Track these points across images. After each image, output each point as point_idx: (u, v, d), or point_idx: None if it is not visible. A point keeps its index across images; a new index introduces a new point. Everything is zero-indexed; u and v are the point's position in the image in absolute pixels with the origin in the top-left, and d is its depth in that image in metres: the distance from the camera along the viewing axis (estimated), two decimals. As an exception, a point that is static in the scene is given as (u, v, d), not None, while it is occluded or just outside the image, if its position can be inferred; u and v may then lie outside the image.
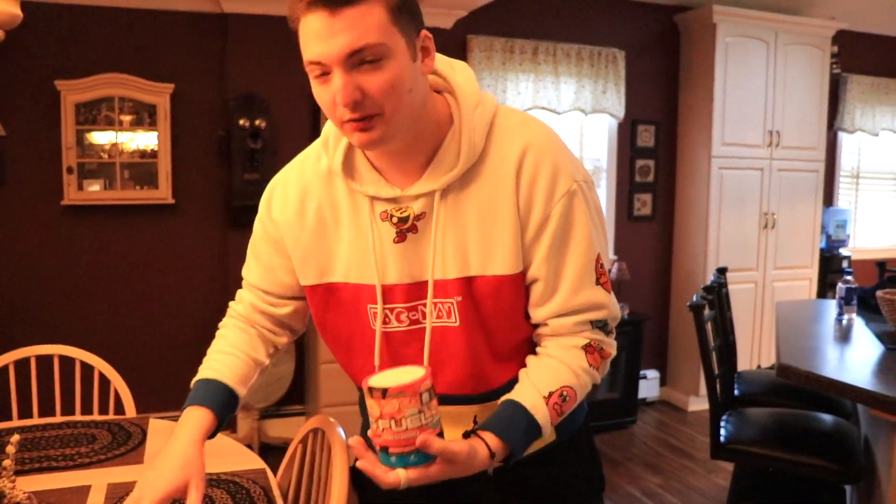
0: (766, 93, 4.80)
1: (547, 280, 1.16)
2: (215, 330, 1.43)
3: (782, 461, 2.46)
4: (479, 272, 1.16)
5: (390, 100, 1.04)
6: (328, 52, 1.02)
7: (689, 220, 4.92)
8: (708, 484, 3.72)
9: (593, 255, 1.17)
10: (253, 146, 3.84)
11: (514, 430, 1.11)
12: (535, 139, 1.16)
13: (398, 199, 1.17)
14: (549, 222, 1.14)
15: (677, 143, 5.03)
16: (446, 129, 1.16)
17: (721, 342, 2.92)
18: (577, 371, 1.18)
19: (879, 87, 5.64)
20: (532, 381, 1.16)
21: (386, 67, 1.03)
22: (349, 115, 1.05)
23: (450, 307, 1.18)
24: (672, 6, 4.89)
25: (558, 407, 1.15)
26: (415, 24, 1.08)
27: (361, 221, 1.20)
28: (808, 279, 5.13)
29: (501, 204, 1.14)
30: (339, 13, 1.00)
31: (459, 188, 1.15)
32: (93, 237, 3.83)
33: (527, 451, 1.19)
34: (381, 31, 1.02)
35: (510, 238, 1.14)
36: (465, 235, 1.15)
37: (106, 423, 2.04)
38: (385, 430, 1.00)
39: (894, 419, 1.97)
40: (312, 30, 1.03)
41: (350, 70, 1.02)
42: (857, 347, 2.63)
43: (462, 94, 1.16)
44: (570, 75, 4.61)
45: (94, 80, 3.64)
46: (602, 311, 1.19)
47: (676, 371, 5.07)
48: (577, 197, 1.15)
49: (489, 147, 1.16)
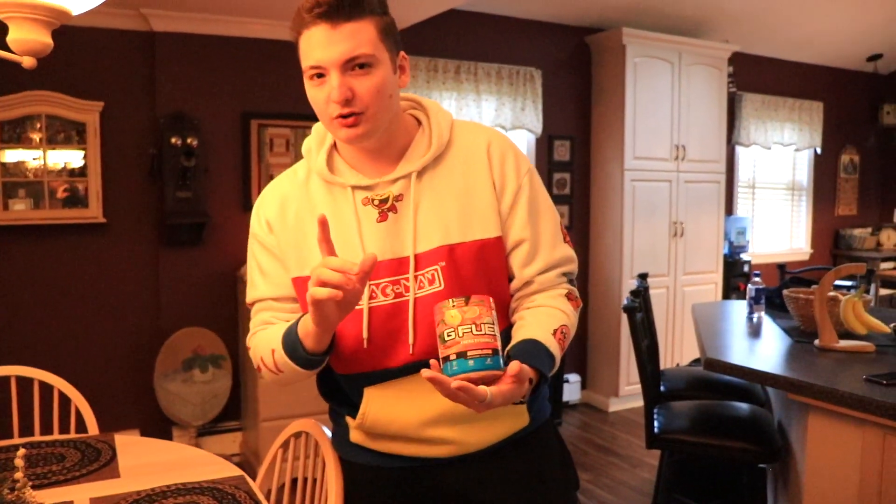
0: (671, 109, 5.15)
1: (531, 240, 1.37)
2: (148, 349, 1.53)
3: (709, 446, 2.70)
4: (460, 239, 1.34)
5: (374, 101, 1.25)
6: (328, 58, 1.22)
7: (605, 230, 5.20)
8: (634, 478, 3.96)
9: (557, 218, 1.43)
10: (186, 164, 3.85)
11: (540, 357, 1.26)
12: (495, 133, 1.43)
13: (376, 186, 1.36)
14: (521, 191, 1.37)
15: (591, 156, 5.31)
16: (415, 132, 1.40)
17: (649, 342, 3.15)
18: (567, 312, 1.37)
19: (770, 105, 6.12)
20: (537, 322, 1.33)
21: (373, 74, 1.25)
22: (339, 111, 1.24)
23: (434, 274, 1.33)
24: (584, 28, 5.18)
25: (562, 342, 1.32)
26: (396, 46, 1.31)
27: (342, 211, 1.36)
28: (714, 283, 5.50)
29: (477, 180, 1.36)
30: (338, 27, 1.21)
31: (433, 170, 1.36)
32: (21, 258, 3.74)
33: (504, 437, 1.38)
34: (372, 44, 1.24)
35: (489, 207, 1.35)
36: (443, 209, 1.34)
37: (71, 442, 2.04)
38: (465, 334, 1.13)
39: (809, 401, 2.22)
40: (315, 39, 1.23)
41: (344, 73, 1.23)
42: (769, 341, 2.90)
43: (428, 105, 1.43)
44: (491, 93, 4.81)
45: (19, 98, 3.57)
46: (573, 264, 1.44)
47: (596, 374, 5.33)
48: (534, 174, 1.42)
49: (453, 139, 1.39)
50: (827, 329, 2.63)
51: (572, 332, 1.38)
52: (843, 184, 6.98)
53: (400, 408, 1.36)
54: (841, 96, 6.79)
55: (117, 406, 3.90)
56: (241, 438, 4.22)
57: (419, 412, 1.35)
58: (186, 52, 3.99)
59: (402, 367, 1.33)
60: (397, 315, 1.33)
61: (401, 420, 1.36)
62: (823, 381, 2.20)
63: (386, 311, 1.33)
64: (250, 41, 4.13)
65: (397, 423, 1.37)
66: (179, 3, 3.71)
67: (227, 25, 4.04)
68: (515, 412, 1.41)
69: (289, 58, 4.19)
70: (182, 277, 4.06)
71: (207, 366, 3.99)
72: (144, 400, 3.99)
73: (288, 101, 4.25)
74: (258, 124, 4.18)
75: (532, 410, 1.44)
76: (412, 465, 1.42)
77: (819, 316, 2.64)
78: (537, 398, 1.37)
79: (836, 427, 2.17)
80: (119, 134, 3.89)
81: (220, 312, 4.15)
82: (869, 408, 2.02)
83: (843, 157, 6.95)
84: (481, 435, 1.38)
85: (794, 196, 6.72)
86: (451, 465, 1.41)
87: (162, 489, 1.73)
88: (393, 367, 1.34)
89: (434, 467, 1.41)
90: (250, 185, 4.18)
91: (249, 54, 4.14)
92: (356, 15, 1.22)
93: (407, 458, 1.41)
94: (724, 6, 5.03)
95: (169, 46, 3.96)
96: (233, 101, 4.14)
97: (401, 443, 1.40)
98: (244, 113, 4.15)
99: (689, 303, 5.20)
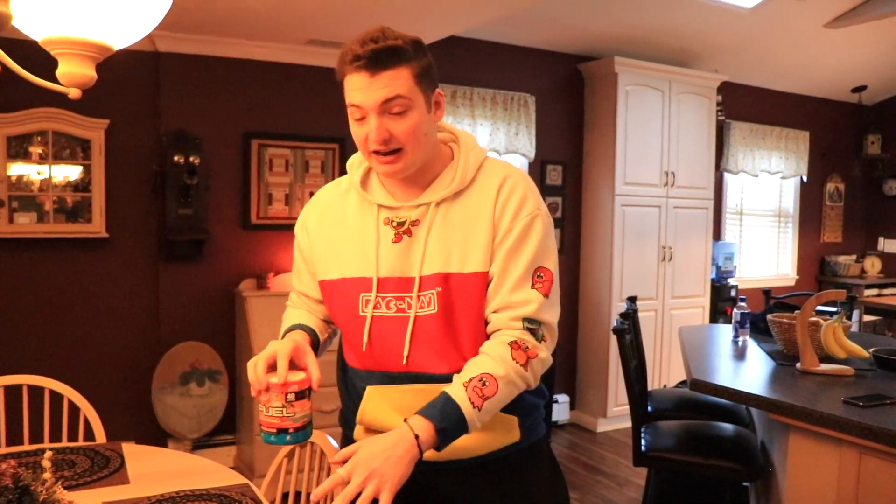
0: (661, 136, 5.28)
1: (497, 277, 1.43)
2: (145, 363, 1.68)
3: (695, 465, 2.79)
4: (457, 269, 1.44)
5: (410, 140, 1.38)
6: (367, 102, 1.35)
7: (595, 254, 5.31)
8: (622, 497, 4.04)
9: (535, 265, 1.44)
10: (188, 181, 3.94)
11: (432, 407, 1.33)
12: (514, 172, 1.50)
13: (399, 209, 1.48)
14: (511, 232, 1.44)
15: (583, 181, 5.43)
16: (447, 163, 1.50)
17: (637, 363, 3.25)
18: (496, 359, 1.38)
19: (757, 133, 6.28)
20: (457, 376, 1.40)
21: (408, 117, 1.37)
22: (377, 148, 1.38)
23: (430, 297, 1.44)
24: (577, 55, 5.32)
25: (479, 390, 1.34)
26: (432, 84, 1.42)
27: (367, 226, 1.49)
28: (702, 307, 5.61)
29: (482, 215, 1.45)
30: (377, 75, 1.34)
31: (451, 202, 1.46)
32: (25, 271, 3.81)
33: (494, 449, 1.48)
34: (407, 89, 1.36)
35: (485, 242, 1.44)
36: (450, 240, 1.44)
37: (81, 449, 2.12)
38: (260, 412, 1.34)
39: (789, 421, 2.32)
40: (356, 84, 1.36)
41: (381, 115, 1.36)
42: (753, 364, 3.01)
43: (463, 140, 1.52)
44: (486, 118, 4.93)
45: (27, 114, 3.66)
46: (531, 305, 1.42)
47: (585, 395, 5.41)
48: (538, 219, 1.45)
49: (478, 177, 1.48)
50: (808, 353, 2.74)
51: (505, 381, 1.37)
52: (829, 211, 7.13)
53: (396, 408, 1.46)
54: (827, 126, 6.96)
55: (115, 417, 3.94)
56: (235, 452, 4.28)
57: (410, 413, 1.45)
58: (190, 72, 4.10)
59: (398, 373, 1.47)
60: (396, 328, 1.45)
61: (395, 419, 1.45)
62: (804, 402, 2.30)
63: (386, 322, 1.46)
64: (252, 63, 4.24)
65: (392, 421, 1.45)
66: (184, 24, 3.82)
67: (230, 47, 4.15)
68: (506, 426, 1.49)
69: (289, 80, 4.32)
70: (182, 292, 4.14)
71: (204, 380, 4.06)
72: (141, 412, 4.05)
73: (288, 122, 4.36)
74: (258, 144, 4.28)
75: (524, 427, 1.52)
76: None
77: (801, 340, 2.74)
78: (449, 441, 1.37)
79: (815, 446, 2.27)
80: (123, 151, 3.98)
81: (218, 328, 4.22)
82: (846, 428, 2.12)
83: (829, 186, 7.10)
84: (471, 443, 1.46)
85: (781, 223, 6.86)
86: (441, 472, 1.49)
87: (171, 495, 1.81)
88: (396, 371, 1.47)
89: (426, 473, 1.49)
90: (250, 203, 4.27)
91: (251, 76, 4.25)
92: (392, 64, 1.34)
93: None
94: (713, 38, 5.18)
95: (173, 67, 4.06)
96: (234, 121, 4.24)
97: None
98: (245, 133, 4.25)
99: (676, 326, 5.31)
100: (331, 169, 4.47)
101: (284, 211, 4.38)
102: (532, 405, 1.55)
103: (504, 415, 1.47)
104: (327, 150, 4.47)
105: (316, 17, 3.70)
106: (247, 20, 3.74)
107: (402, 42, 1.35)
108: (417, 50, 1.38)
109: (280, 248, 4.34)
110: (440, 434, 1.31)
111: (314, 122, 4.43)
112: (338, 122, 4.48)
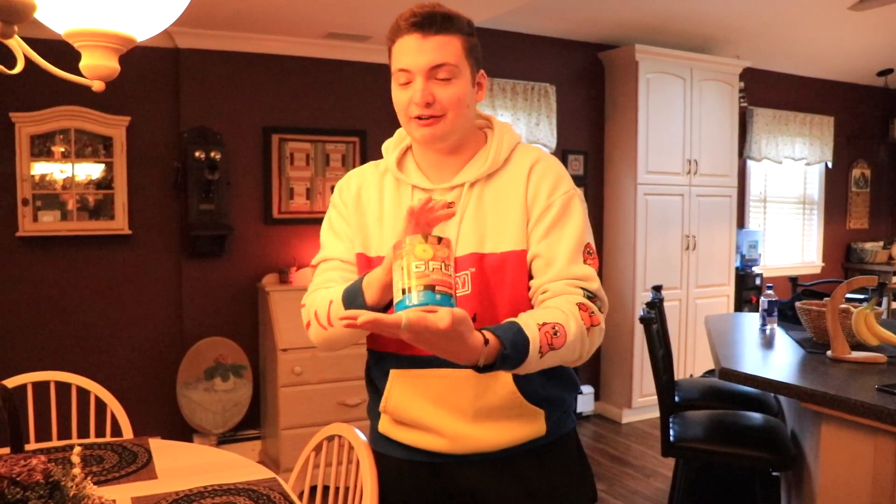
0: (683, 124, 5.22)
1: (545, 256, 1.42)
2: (169, 359, 1.62)
3: (725, 455, 2.75)
4: (491, 250, 1.44)
5: (452, 107, 1.40)
6: (415, 63, 1.38)
7: (618, 243, 5.26)
8: (648, 487, 4.00)
9: (583, 242, 1.45)
10: (209, 177, 3.94)
11: (506, 331, 1.25)
12: (546, 155, 1.53)
13: (434, 191, 1.48)
14: (549, 210, 1.44)
15: (604, 171, 5.38)
16: (481, 147, 1.52)
17: (664, 352, 3.21)
18: (568, 315, 1.32)
19: (780, 119, 6.19)
20: (528, 314, 1.33)
21: (453, 84, 1.40)
22: (419, 112, 1.39)
23: (465, 278, 1.43)
24: (597, 44, 5.27)
25: (549, 336, 1.27)
26: (477, 64, 1.46)
27: (402, 207, 1.48)
28: (726, 296, 5.55)
29: (514, 196, 1.46)
30: (428, 37, 1.38)
31: (484, 184, 1.47)
32: (49, 268, 3.84)
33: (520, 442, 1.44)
34: (456, 57, 1.40)
35: (517, 222, 1.44)
36: (484, 220, 1.45)
37: (108, 445, 2.12)
38: (435, 270, 1.15)
39: (822, 410, 2.27)
40: (407, 46, 1.39)
41: (428, 79, 1.39)
42: (782, 352, 2.96)
43: (497, 124, 1.56)
44: (506, 108, 4.89)
45: (49, 113, 3.68)
46: (592, 282, 1.41)
47: (610, 386, 5.38)
48: (575, 198, 1.48)
49: (510, 159, 1.50)
50: (839, 340, 2.69)
51: (571, 338, 1.30)
52: (855, 197, 7.02)
53: (420, 394, 1.45)
54: (852, 111, 6.85)
55: (140, 413, 3.97)
56: (260, 447, 4.30)
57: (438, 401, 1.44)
58: (210, 68, 4.10)
59: (428, 357, 1.39)
60: None
61: (420, 406, 1.44)
62: (836, 390, 2.26)
63: None
64: (271, 57, 4.24)
65: (416, 408, 1.45)
66: (203, 20, 3.82)
67: (250, 42, 4.15)
68: (532, 419, 1.47)
69: (309, 73, 4.32)
70: (204, 288, 4.15)
71: (229, 375, 4.08)
72: (166, 407, 4.07)
73: (308, 116, 4.35)
74: (279, 138, 4.28)
75: (550, 421, 1.50)
76: (430, 461, 1.50)
77: (831, 327, 2.70)
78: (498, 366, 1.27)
79: (848, 435, 2.23)
80: (144, 148, 3.99)
81: (241, 322, 4.24)
82: (881, 416, 2.08)
83: (855, 171, 7.00)
84: (497, 435, 1.45)
85: (806, 210, 6.77)
86: (466, 464, 1.48)
87: (199, 490, 1.80)
88: (422, 354, 1.41)
89: (450, 465, 1.48)
90: (271, 197, 4.27)
91: (271, 70, 4.24)
92: (445, 30, 1.38)
93: (424, 452, 1.49)
94: (734, 23, 5.10)
95: (193, 63, 4.07)
96: (254, 116, 4.24)
97: (417, 432, 1.48)
98: (265, 127, 4.25)
99: (701, 315, 5.25)
100: (351, 162, 4.46)
101: (306, 205, 4.38)
102: (559, 398, 1.52)
103: (530, 406, 1.45)
104: (348, 143, 4.46)
105: (335, 11, 3.68)
106: (266, 14, 3.74)
107: (456, 13, 1.41)
108: (470, 26, 1.44)
109: (302, 242, 4.34)
110: (500, 359, 1.22)
111: (334, 116, 4.42)
112: (358, 116, 4.47)
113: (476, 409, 1.43)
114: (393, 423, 1.52)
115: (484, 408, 1.44)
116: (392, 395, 1.48)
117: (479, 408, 1.43)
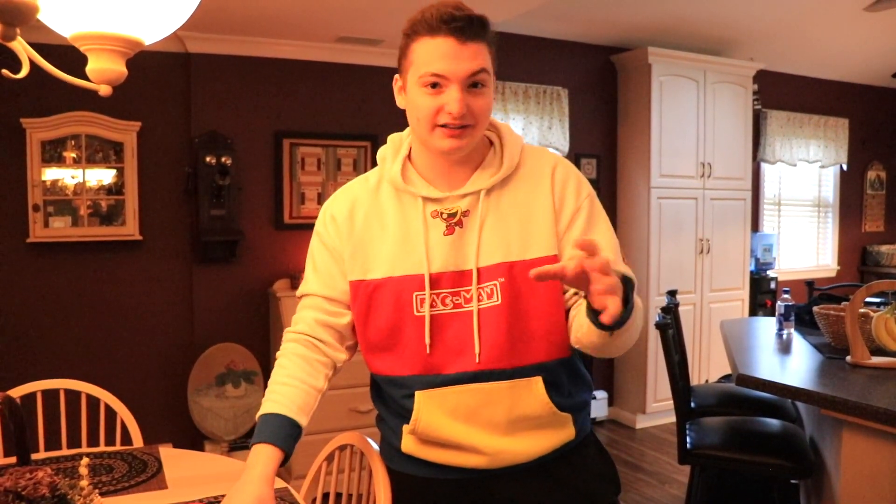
0: (697, 127, 5.17)
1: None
2: (180, 365, 1.58)
3: (742, 462, 2.70)
4: (519, 257, 1.38)
5: (482, 119, 1.35)
6: (454, 71, 1.30)
7: (631, 247, 5.22)
8: (664, 494, 3.95)
9: (616, 241, 1.45)
10: (221, 182, 3.93)
11: (629, 289, 1.22)
12: (561, 159, 1.50)
13: (446, 200, 1.42)
14: (580, 211, 1.42)
15: (617, 174, 5.34)
16: (487, 152, 1.46)
17: (679, 358, 3.17)
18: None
19: (795, 122, 6.13)
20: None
21: (485, 93, 1.34)
22: (449, 121, 1.31)
23: (492, 288, 1.38)
24: (610, 47, 5.23)
25: (632, 293, 1.25)
26: (496, 73, 1.40)
27: (410, 220, 1.42)
28: (741, 300, 5.49)
29: (539, 201, 1.41)
30: (466, 44, 1.30)
31: (500, 189, 1.42)
32: (60, 274, 3.83)
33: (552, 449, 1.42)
34: (489, 65, 1.34)
35: (547, 227, 1.40)
36: (506, 228, 1.40)
37: (118, 454, 2.10)
38: None
39: (843, 417, 2.23)
40: (441, 50, 1.30)
41: (464, 89, 1.31)
42: (799, 357, 2.91)
43: (500, 127, 1.50)
44: (518, 112, 4.86)
45: (60, 119, 3.68)
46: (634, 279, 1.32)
47: (623, 391, 5.33)
48: (595, 199, 1.47)
49: (522, 162, 1.46)
50: (859, 345, 2.64)
51: (638, 313, 1.29)
52: (870, 200, 6.95)
53: (450, 412, 1.39)
54: (867, 113, 6.78)
55: (151, 420, 3.96)
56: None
57: (470, 418, 1.39)
58: (220, 72, 4.09)
59: (458, 374, 1.37)
60: (457, 325, 1.38)
61: (451, 425, 1.39)
62: (857, 396, 2.21)
63: (446, 320, 1.39)
64: (282, 62, 4.22)
65: (447, 427, 1.40)
66: (213, 25, 3.81)
67: (260, 47, 4.14)
68: (562, 425, 1.45)
69: (320, 78, 4.30)
70: (216, 294, 4.14)
71: (240, 381, 4.06)
72: (177, 414, 4.06)
73: (319, 121, 4.33)
74: (290, 143, 4.27)
75: (577, 425, 1.48)
76: (462, 477, 1.45)
77: (851, 332, 2.65)
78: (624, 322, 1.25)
79: (870, 442, 2.18)
80: (155, 153, 3.98)
81: (252, 328, 4.22)
82: (905, 424, 2.03)
83: (870, 174, 6.92)
84: (532, 445, 1.42)
85: (821, 212, 6.70)
86: (500, 477, 1.44)
87: (210, 499, 1.77)
88: (448, 374, 1.38)
89: (484, 479, 1.44)
90: (282, 203, 4.26)
91: (281, 75, 4.23)
92: (480, 37, 1.31)
93: (457, 470, 1.44)
94: (748, 25, 5.06)
95: (204, 67, 4.06)
96: (265, 121, 4.23)
97: (451, 451, 1.43)
98: (276, 132, 4.24)
99: (715, 320, 5.20)
100: (363, 166, 4.44)
101: (317, 210, 4.33)
102: (583, 402, 1.53)
103: (561, 413, 1.43)
104: (359, 147, 4.44)
105: (345, 15, 3.67)
106: (277, 18, 3.72)
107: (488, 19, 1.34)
108: (496, 36, 1.38)
109: (313, 247, 4.32)
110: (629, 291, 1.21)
111: (345, 120, 4.41)
112: (369, 120, 4.45)
113: (509, 422, 1.40)
114: (420, 443, 1.46)
115: (517, 419, 1.40)
116: (422, 416, 1.41)
117: (512, 420, 1.40)
